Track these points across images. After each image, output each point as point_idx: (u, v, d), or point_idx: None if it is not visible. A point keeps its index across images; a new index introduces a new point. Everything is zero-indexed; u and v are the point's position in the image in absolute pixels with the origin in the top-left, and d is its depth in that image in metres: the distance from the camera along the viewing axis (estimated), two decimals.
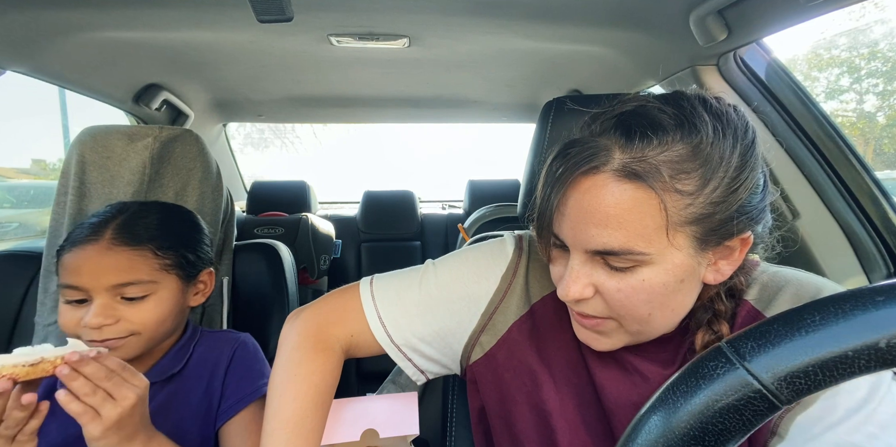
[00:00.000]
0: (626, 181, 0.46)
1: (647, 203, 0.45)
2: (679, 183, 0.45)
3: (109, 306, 0.70)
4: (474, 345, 0.64)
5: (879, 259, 0.98)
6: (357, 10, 1.06)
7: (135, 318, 0.71)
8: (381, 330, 0.63)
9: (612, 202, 0.46)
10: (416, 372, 0.67)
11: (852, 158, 0.98)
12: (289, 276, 1.09)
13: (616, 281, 0.49)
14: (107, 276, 0.69)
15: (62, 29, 1.09)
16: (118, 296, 0.70)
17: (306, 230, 2.14)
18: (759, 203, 0.49)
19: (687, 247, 0.47)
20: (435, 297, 0.63)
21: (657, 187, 0.45)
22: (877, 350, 0.25)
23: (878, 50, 3.02)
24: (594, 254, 0.49)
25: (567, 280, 0.51)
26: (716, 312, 0.53)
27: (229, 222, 1.09)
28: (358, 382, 2.28)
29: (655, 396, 0.29)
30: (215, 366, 0.80)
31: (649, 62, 1.22)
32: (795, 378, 0.26)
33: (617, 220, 0.46)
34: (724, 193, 0.46)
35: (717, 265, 0.50)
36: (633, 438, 0.29)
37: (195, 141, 1.02)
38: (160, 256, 0.74)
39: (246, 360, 0.83)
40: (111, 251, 0.70)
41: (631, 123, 0.47)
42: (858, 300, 0.26)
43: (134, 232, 0.73)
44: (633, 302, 0.49)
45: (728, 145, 0.46)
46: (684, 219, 0.46)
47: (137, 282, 0.71)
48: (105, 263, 0.70)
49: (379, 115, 2.36)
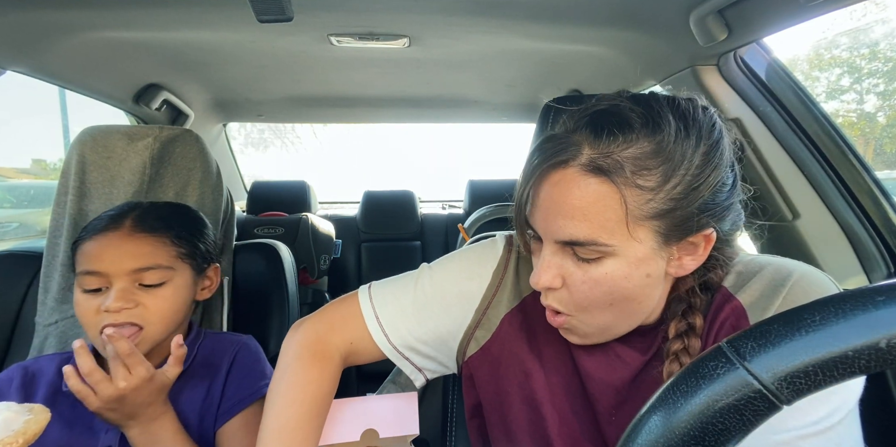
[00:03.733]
0: (592, 175, 0.48)
1: (610, 197, 0.48)
2: (641, 179, 0.47)
3: (129, 291, 0.71)
4: (469, 340, 0.65)
5: (879, 259, 0.98)
6: (357, 10, 1.06)
7: (152, 305, 0.73)
8: (380, 332, 0.64)
9: (578, 195, 0.49)
10: (414, 370, 0.68)
11: (852, 158, 0.98)
12: (289, 276, 1.09)
13: (582, 272, 0.51)
14: (128, 261, 0.72)
15: (62, 29, 1.09)
16: (137, 282, 0.72)
17: (306, 230, 2.14)
18: (725, 201, 0.51)
19: (649, 241, 0.49)
20: (430, 297, 0.65)
21: (619, 182, 0.47)
22: (877, 350, 0.25)
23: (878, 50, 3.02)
24: (563, 244, 0.51)
25: (538, 269, 0.53)
26: (690, 304, 0.54)
27: (229, 222, 1.09)
28: (358, 382, 2.28)
29: (655, 396, 0.29)
30: (217, 367, 0.81)
31: (649, 62, 1.22)
32: (796, 378, 0.26)
33: (582, 213, 0.49)
34: (686, 190, 0.48)
35: (681, 260, 0.52)
36: (633, 438, 0.29)
37: (195, 141, 1.02)
38: (177, 244, 0.77)
39: (247, 362, 0.83)
40: (132, 237, 0.73)
41: (601, 121, 0.49)
42: (858, 300, 0.26)
43: (152, 221, 0.76)
44: (595, 293, 0.51)
45: (690, 144, 0.48)
46: (646, 213, 0.48)
47: (156, 267, 0.73)
48: (126, 248, 0.72)
49: (379, 115, 2.36)
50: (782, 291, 0.52)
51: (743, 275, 0.56)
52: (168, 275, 0.75)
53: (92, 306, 0.71)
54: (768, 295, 0.53)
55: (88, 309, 0.71)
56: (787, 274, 0.53)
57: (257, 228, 2.18)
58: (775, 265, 0.55)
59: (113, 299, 0.70)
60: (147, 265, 0.73)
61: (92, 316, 0.71)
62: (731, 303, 0.54)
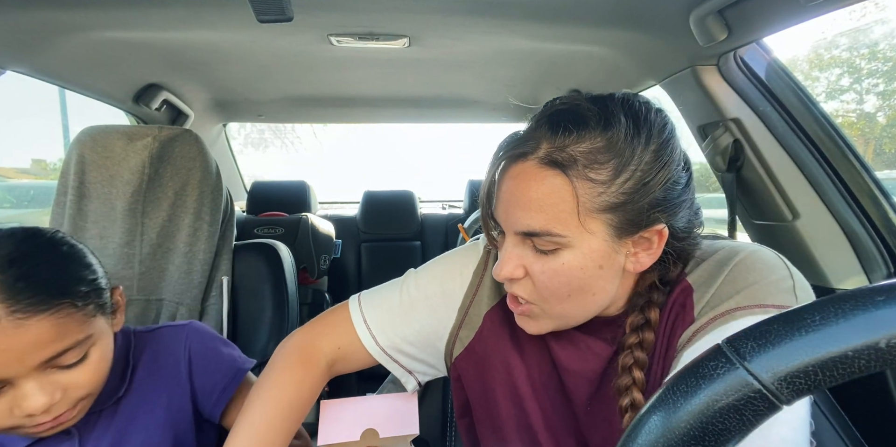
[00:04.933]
0: (548, 168, 0.51)
1: (564, 189, 0.50)
2: (593, 172, 0.50)
3: (47, 382, 0.54)
4: (455, 341, 0.67)
5: (879, 259, 0.98)
6: (357, 10, 1.06)
7: (81, 382, 0.57)
8: (368, 334, 0.66)
9: (534, 187, 0.51)
10: (404, 373, 0.69)
11: (852, 158, 0.98)
12: (289, 276, 1.09)
13: (541, 263, 0.53)
14: (32, 356, 0.52)
15: (62, 29, 1.09)
16: (48, 368, 0.55)
17: (306, 230, 2.14)
18: (677, 198, 0.53)
19: (602, 234, 0.51)
20: (415, 298, 0.67)
21: (571, 175, 0.50)
22: (877, 350, 0.25)
23: (878, 50, 3.02)
24: (523, 236, 0.53)
25: (501, 260, 0.55)
26: (650, 299, 0.56)
27: (229, 222, 1.09)
28: (358, 382, 2.28)
29: (655, 396, 0.29)
30: (170, 370, 0.71)
31: (649, 62, 1.22)
32: (795, 378, 0.26)
33: (538, 204, 0.51)
34: (636, 185, 0.50)
35: (636, 256, 0.54)
36: (633, 438, 0.29)
37: (195, 141, 1.02)
38: (82, 305, 0.56)
39: (207, 348, 0.75)
40: (25, 326, 0.51)
41: (559, 118, 0.52)
42: (858, 300, 0.26)
43: (34, 292, 0.52)
44: (554, 284, 0.53)
45: (640, 142, 0.51)
46: (598, 206, 0.50)
47: (73, 347, 0.55)
48: (24, 342, 0.51)
49: (379, 115, 2.36)
50: (726, 269, 0.54)
51: (698, 259, 0.58)
52: (86, 346, 0.57)
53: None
54: (713, 273, 0.55)
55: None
56: (735, 253, 0.55)
57: (257, 228, 2.18)
58: (729, 247, 0.57)
59: (34, 399, 0.52)
60: (61, 350, 0.54)
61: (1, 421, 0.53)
62: (680, 284, 0.56)
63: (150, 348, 0.72)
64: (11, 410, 0.53)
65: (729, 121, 1.06)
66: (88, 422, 0.64)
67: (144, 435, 0.68)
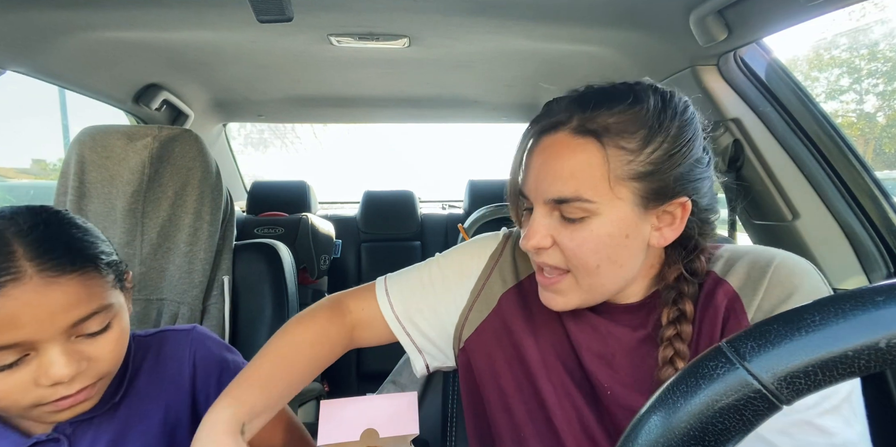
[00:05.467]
0: (580, 137, 0.54)
1: (595, 156, 0.53)
2: (623, 140, 0.53)
3: (72, 350, 0.54)
4: (465, 322, 0.70)
5: (879, 259, 0.98)
6: (357, 10, 1.06)
7: (103, 354, 0.56)
8: (386, 300, 0.71)
9: (567, 155, 0.55)
10: (414, 349, 0.72)
11: (852, 158, 0.98)
12: (289, 276, 1.09)
13: (570, 232, 0.56)
14: (61, 317, 0.52)
15: (62, 29, 1.09)
16: (73, 336, 0.54)
17: (306, 230, 2.14)
18: (700, 175, 0.57)
19: (630, 202, 0.54)
20: (434, 276, 0.72)
21: (604, 142, 0.53)
22: (877, 350, 0.25)
23: (878, 50, 3.02)
24: (552, 205, 0.56)
25: (529, 230, 0.58)
26: (680, 291, 0.58)
27: (229, 222, 1.09)
28: (358, 382, 2.28)
29: (655, 396, 0.29)
30: (174, 374, 0.69)
31: (649, 62, 1.22)
32: (795, 378, 0.26)
33: (570, 171, 0.54)
34: (663, 156, 0.54)
35: (660, 230, 0.57)
36: (632, 438, 0.29)
37: (194, 141, 1.02)
38: (106, 269, 0.57)
39: (213, 355, 0.73)
40: (55, 285, 0.51)
41: (589, 95, 0.57)
42: (858, 300, 0.26)
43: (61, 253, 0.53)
44: (583, 251, 0.55)
45: (667, 117, 0.55)
46: (627, 174, 0.53)
47: (98, 311, 0.55)
48: (53, 302, 0.51)
49: (379, 115, 2.36)
50: (767, 274, 0.56)
51: (730, 260, 0.61)
52: (111, 314, 0.57)
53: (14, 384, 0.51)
54: (755, 278, 0.57)
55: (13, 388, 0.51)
56: (770, 258, 0.58)
57: (257, 228, 2.18)
58: (757, 250, 0.60)
59: (60, 366, 0.52)
60: (87, 313, 0.54)
61: (20, 395, 0.52)
62: (722, 287, 0.58)
63: (152, 353, 0.70)
64: (37, 380, 0.52)
65: (729, 121, 1.06)
66: (79, 429, 0.62)
67: (140, 444, 0.65)
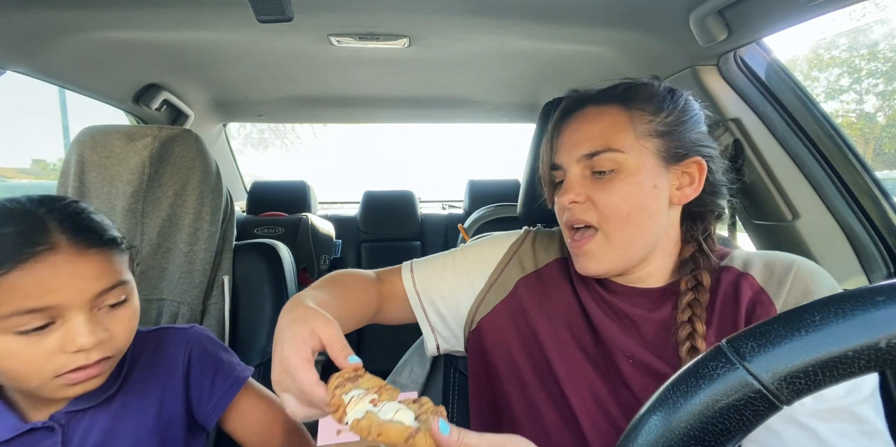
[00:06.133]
0: (605, 105, 0.65)
1: (621, 116, 0.64)
2: (641, 105, 0.64)
3: (95, 321, 0.58)
4: (480, 304, 0.75)
5: (879, 259, 0.98)
6: (357, 10, 1.06)
7: (119, 329, 0.61)
8: (409, 276, 0.77)
9: (595, 120, 0.65)
10: (429, 330, 0.77)
11: (852, 158, 0.98)
12: (289, 276, 1.09)
13: (602, 184, 0.63)
14: (88, 286, 0.57)
15: (62, 29, 1.09)
16: (96, 308, 0.59)
17: (306, 230, 2.14)
18: (709, 144, 0.67)
19: (654, 154, 0.63)
20: (457, 261, 0.79)
21: (627, 104, 0.64)
22: (877, 350, 0.25)
23: (878, 50, 3.02)
24: (585, 162, 0.64)
25: (564, 188, 0.66)
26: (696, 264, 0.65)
27: (229, 222, 1.09)
28: None
29: (655, 396, 0.29)
30: (169, 370, 0.71)
31: (649, 62, 1.22)
32: (795, 378, 0.26)
33: (599, 131, 0.64)
34: (675, 121, 0.64)
35: (682, 190, 0.64)
36: (633, 438, 0.29)
37: (194, 141, 1.02)
38: (123, 251, 0.64)
39: (208, 353, 0.74)
40: (83, 256, 0.58)
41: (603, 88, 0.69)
42: (858, 300, 0.26)
43: (89, 230, 0.60)
44: (615, 200, 0.62)
45: (674, 94, 0.67)
46: (648, 131, 0.63)
47: (118, 284, 0.61)
48: (82, 272, 0.57)
49: (379, 115, 2.36)
50: (791, 272, 0.61)
51: (747, 260, 0.66)
52: (127, 290, 0.62)
53: (40, 350, 0.55)
54: (779, 274, 0.62)
55: (35, 354, 0.55)
56: (792, 259, 0.63)
57: (257, 228, 2.18)
58: (773, 253, 0.67)
59: (86, 333, 0.56)
60: (113, 283, 0.59)
61: (44, 362, 0.55)
62: (747, 279, 0.63)
63: (149, 349, 0.72)
64: (63, 347, 0.56)
65: (729, 121, 1.06)
66: (73, 419, 0.64)
67: (133, 437, 0.66)
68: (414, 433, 0.43)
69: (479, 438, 0.44)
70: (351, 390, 0.48)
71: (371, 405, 0.46)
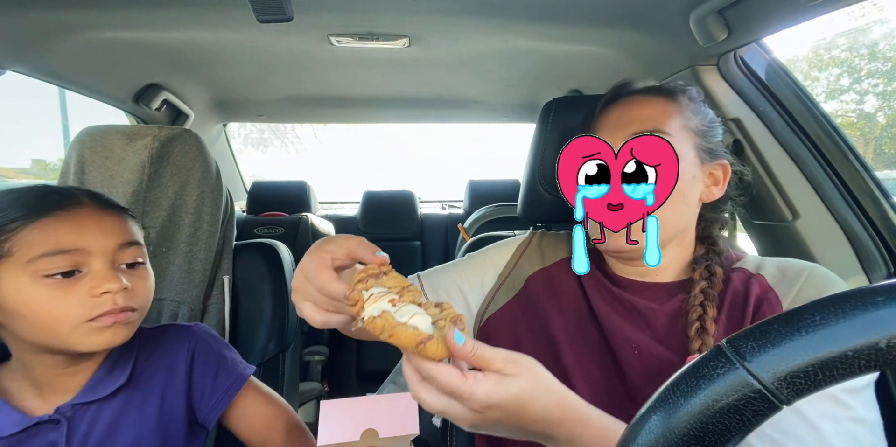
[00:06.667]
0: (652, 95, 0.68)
1: (669, 105, 0.66)
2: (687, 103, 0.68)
3: (117, 272, 0.63)
4: (490, 302, 0.76)
5: (879, 259, 0.98)
6: (357, 10, 1.06)
7: (139, 286, 0.66)
8: (418, 283, 0.78)
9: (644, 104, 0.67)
10: None
11: (852, 158, 0.98)
12: (289, 276, 1.09)
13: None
14: (110, 236, 0.63)
15: (62, 29, 1.09)
16: (115, 263, 0.64)
17: (306, 230, 2.14)
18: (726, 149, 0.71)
19: (694, 147, 0.66)
20: (466, 263, 0.81)
21: (675, 99, 0.67)
22: (877, 350, 0.25)
23: (878, 50, 3.02)
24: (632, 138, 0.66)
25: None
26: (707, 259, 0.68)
27: (229, 222, 1.09)
28: (358, 382, 2.28)
29: (655, 396, 0.29)
30: (171, 366, 0.72)
31: (649, 62, 1.22)
32: (795, 378, 0.26)
33: (649, 114, 0.65)
34: (706, 126, 0.68)
35: (709, 189, 0.68)
36: (633, 438, 0.29)
37: (194, 140, 1.02)
38: (138, 225, 0.71)
39: (211, 350, 0.76)
40: (106, 213, 0.65)
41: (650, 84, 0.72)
42: (858, 300, 0.26)
43: (108, 201, 0.68)
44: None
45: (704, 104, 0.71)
46: (691, 126, 0.66)
47: (136, 244, 0.67)
48: (104, 223, 0.64)
49: (379, 115, 2.36)
50: (804, 274, 0.63)
51: (760, 263, 0.68)
52: (142, 254, 0.68)
53: (69, 295, 0.59)
54: (790, 276, 0.64)
55: (65, 299, 0.59)
56: (806, 264, 0.66)
57: (257, 228, 2.18)
58: (786, 259, 0.69)
59: (111, 278, 0.61)
60: (130, 239, 0.66)
61: (73, 306, 0.59)
62: (757, 279, 0.65)
63: (154, 345, 0.73)
64: (91, 290, 0.61)
65: (729, 121, 1.06)
66: (78, 413, 0.65)
67: (135, 433, 0.67)
68: (426, 340, 0.41)
69: (492, 352, 0.44)
70: (373, 287, 0.47)
71: (390, 305, 0.45)
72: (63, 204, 0.63)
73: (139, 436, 0.67)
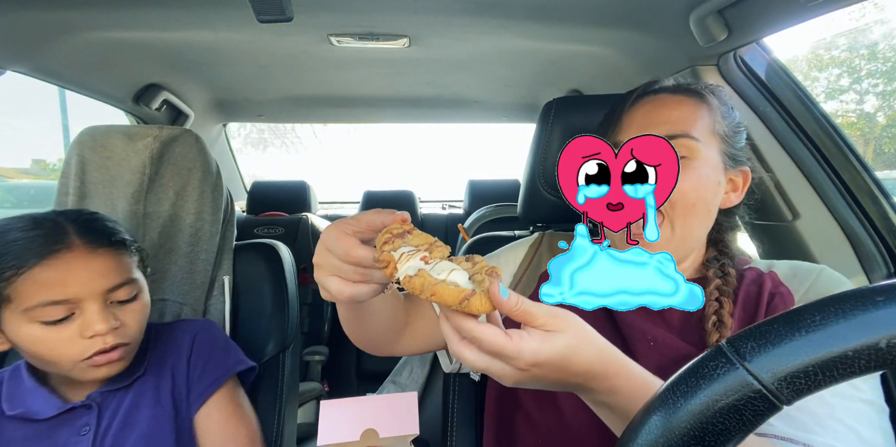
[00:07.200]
0: (680, 95, 0.66)
1: (699, 107, 0.65)
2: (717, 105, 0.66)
3: (108, 312, 0.67)
4: None
5: (879, 259, 0.98)
6: (357, 10, 1.06)
7: (130, 321, 0.70)
8: None
9: (673, 105, 0.65)
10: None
11: (852, 158, 0.98)
12: (289, 276, 1.09)
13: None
14: (99, 281, 0.66)
15: (62, 29, 1.09)
16: (108, 301, 0.68)
17: (306, 230, 2.14)
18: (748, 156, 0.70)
19: (720, 152, 0.65)
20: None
21: (705, 99, 0.66)
22: (877, 350, 0.25)
23: (878, 50, 3.02)
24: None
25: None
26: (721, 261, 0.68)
27: (229, 222, 1.09)
28: (358, 382, 2.28)
29: (655, 396, 0.29)
30: (176, 357, 0.80)
31: (649, 62, 1.22)
32: (795, 378, 0.26)
33: (677, 116, 0.64)
34: (730, 131, 0.66)
35: (728, 195, 0.67)
36: (633, 438, 0.29)
37: (195, 141, 1.02)
38: (133, 253, 0.73)
39: (209, 344, 0.82)
40: (95, 254, 0.67)
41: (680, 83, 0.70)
42: (858, 300, 0.26)
43: (98, 235, 0.69)
44: (684, 187, 0.61)
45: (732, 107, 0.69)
46: (718, 129, 0.65)
47: (128, 282, 0.70)
48: (94, 268, 0.66)
49: (379, 115, 2.36)
50: (813, 274, 0.64)
51: (770, 264, 0.69)
52: (136, 288, 0.72)
53: (63, 337, 0.65)
54: (803, 275, 0.65)
55: (59, 340, 0.65)
56: (817, 266, 0.66)
57: (257, 228, 2.18)
58: (793, 261, 0.70)
59: (98, 321, 0.65)
60: (119, 282, 0.68)
61: (67, 347, 0.65)
62: (770, 276, 0.66)
63: (164, 338, 0.81)
64: (81, 333, 0.65)
65: None
66: (107, 399, 0.74)
67: (151, 413, 0.75)
68: (469, 296, 0.40)
69: (536, 306, 0.43)
70: (400, 246, 0.45)
71: (423, 263, 0.43)
72: (52, 249, 0.64)
73: (154, 416, 0.75)
